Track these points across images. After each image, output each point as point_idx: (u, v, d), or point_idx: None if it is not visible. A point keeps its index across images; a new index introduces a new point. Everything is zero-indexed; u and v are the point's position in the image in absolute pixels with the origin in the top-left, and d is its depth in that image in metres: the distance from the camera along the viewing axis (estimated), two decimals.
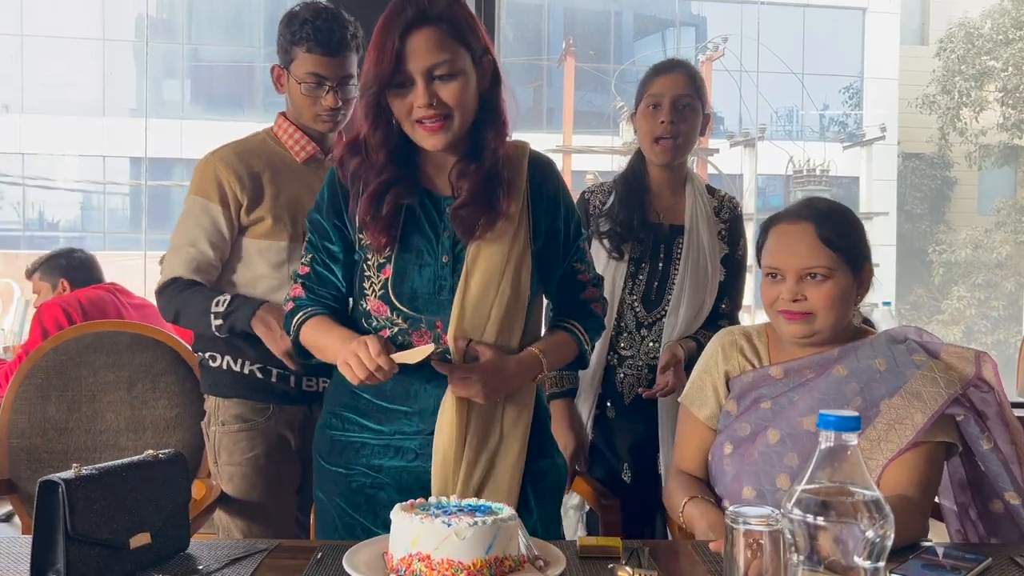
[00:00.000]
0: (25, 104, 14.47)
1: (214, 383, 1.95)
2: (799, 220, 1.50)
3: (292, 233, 1.91)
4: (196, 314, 1.85)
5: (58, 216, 15.72)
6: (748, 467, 1.49)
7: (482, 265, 1.46)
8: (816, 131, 16.43)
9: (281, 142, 1.97)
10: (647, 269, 2.04)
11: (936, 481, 1.45)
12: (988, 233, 15.00)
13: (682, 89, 2.00)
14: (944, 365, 1.46)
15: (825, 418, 0.85)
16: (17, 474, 2.13)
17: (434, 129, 1.41)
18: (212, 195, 1.88)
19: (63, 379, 2.17)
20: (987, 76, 14.92)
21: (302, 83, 1.88)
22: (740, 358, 1.58)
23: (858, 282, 1.51)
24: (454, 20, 1.40)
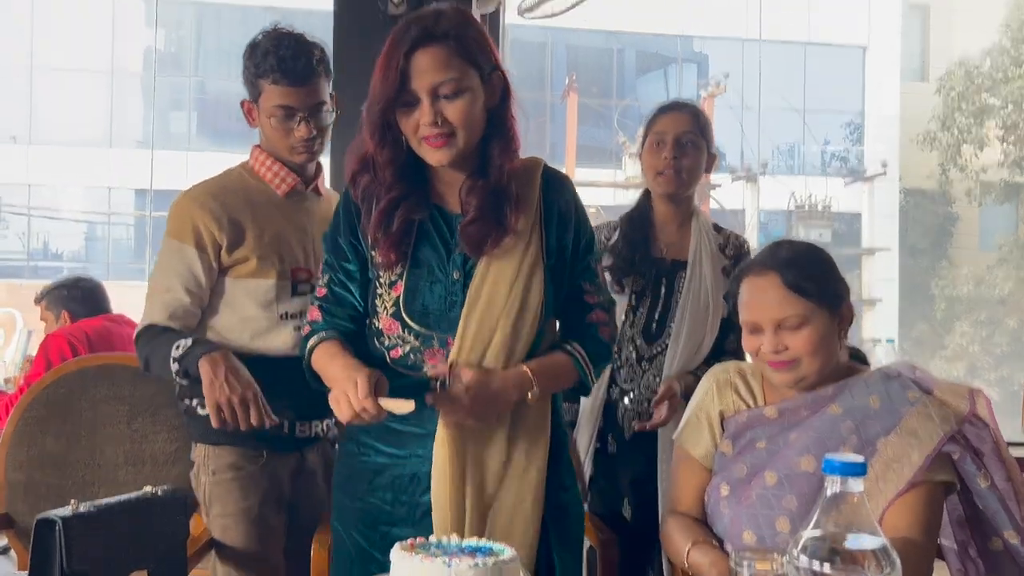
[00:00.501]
0: (33, 135, 14.61)
1: (203, 431, 1.81)
2: (765, 271, 1.49)
3: (280, 271, 1.83)
4: (160, 360, 1.74)
5: (62, 246, 15.79)
6: (746, 510, 1.47)
7: (490, 280, 1.44)
8: (817, 167, 16.53)
9: (259, 176, 1.88)
10: (648, 302, 2.05)
11: (938, 522, 1.43)
12: (990, 269, 15.03)
13: (685, 127, 2.04)
14: (938, 402, 1.44)
15: (831, 463, 0.84)
16: (15, 508, 2.11)
17: (438, 145, 1.41)
18: (187, 238, 1.80)
19: (63, 412, 2.16)
20: (987, 113, 15.04)
21: (272, 117, 1.81)
22: (735, 397, 1.57)
23: (838, 319, 1.49)
24: (461, 38, 1.39)
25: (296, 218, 1.88)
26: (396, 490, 1.48)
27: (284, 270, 1.83)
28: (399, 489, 1.47)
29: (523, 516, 1.46)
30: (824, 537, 0.84)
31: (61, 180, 14.68)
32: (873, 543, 0.83)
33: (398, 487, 1.47)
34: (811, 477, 1.42)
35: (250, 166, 1.90)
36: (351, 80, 2.64)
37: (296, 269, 1.85)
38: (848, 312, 1.51)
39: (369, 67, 1.47)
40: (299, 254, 1.86)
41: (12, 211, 14.93)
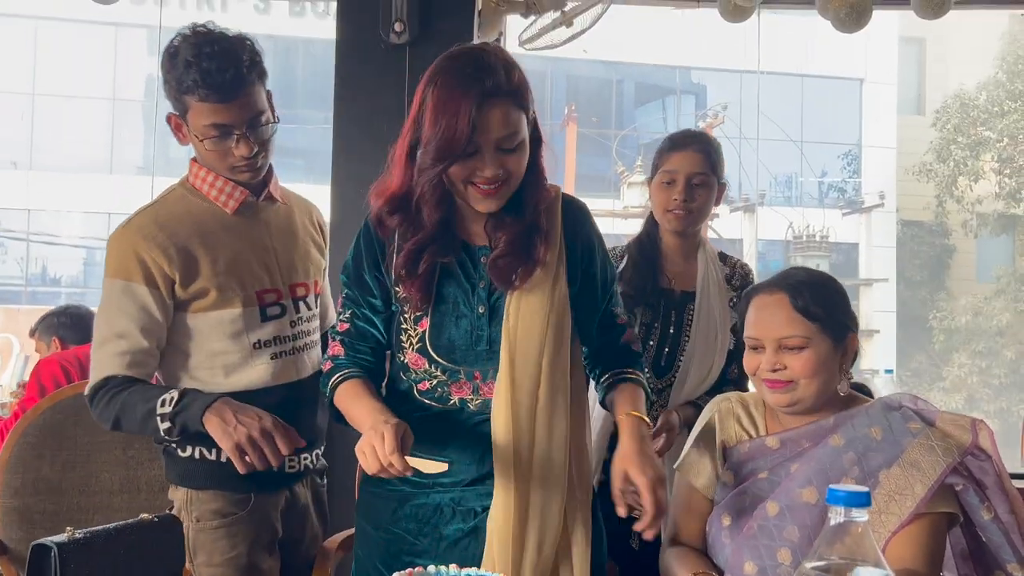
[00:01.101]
0: (33, 161, 14.65)
1: (185, 475, 1.69)
2: (775, 291, 1.51)
3: (244, 298, 1.66)
4: (139, 418, 1.57)
5: (61, 272, 15.77)
6: (748, 540, 1.46)
7: (524, 314, 1.45)
8: (815, 197, 16.60)
9: (203, 194, 1.68)
10: (657, 335, 2.05)
11: (941, 553, 1.42)
12: (988, 300, 15.04)
13: (696, 167, 2.03)
14: (940, 433, 1.44)
15: (834, 493, 0.84)
16: (9, 534, 2.09)
17: (491, 193, 1.40)
18: (135, 275, 1.60)
19: (58, 438, 2.15)
20: (983, 146, 15.15)
21: (204, 137, 1.60)
22: (737, 427, 1.57)
23: (841, 351, 1.50)
24: (521, 90, 1.40)
25: (252, 235, 1.70)
26: (419, 521, 1.47)
27: (248, 296, 1.67)
28: (422, 520, 1.47)
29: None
30: (828, 568, 0.83)
31: (61, 206, 14.70)
32: (876, 574, 0.82)
33: (422, 518, 1.47)
34: (812, 508, 1.41)
35: (191, 183, 1.70)
36: (352, 107, 2.66)
37: (262, 292, 1.69)
38: (852, 345, 1.51)
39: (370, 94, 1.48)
40: (262, 275, 1.69)
41: (11, 236, 14.94)
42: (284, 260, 1.73)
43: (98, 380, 1.62)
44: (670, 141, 2.09)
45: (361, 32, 2.57)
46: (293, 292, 1.74)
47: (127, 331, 1.61)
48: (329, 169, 2.61)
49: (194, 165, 1.70)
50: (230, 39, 1.59)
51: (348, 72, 2.62)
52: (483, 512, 1.46)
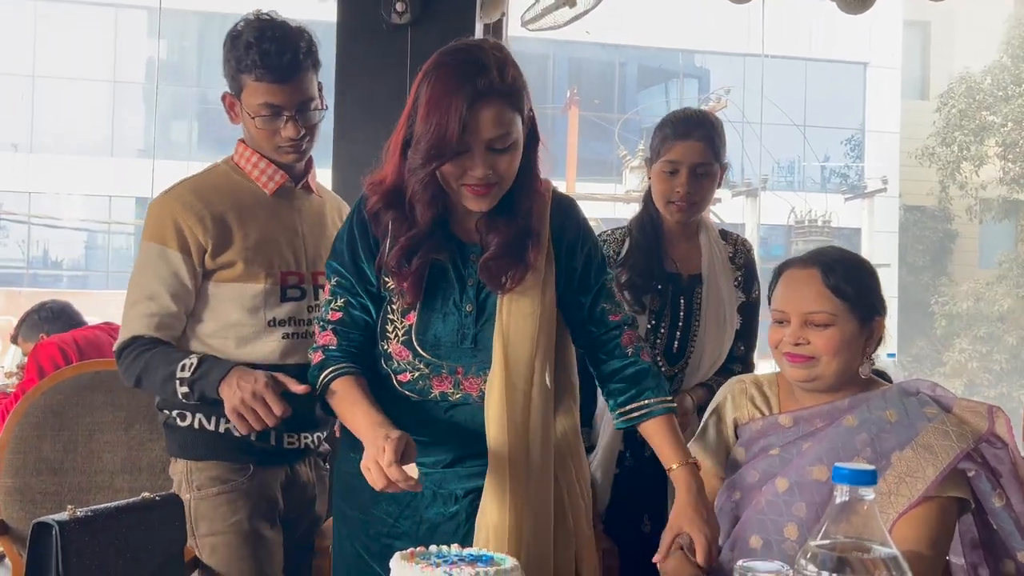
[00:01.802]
0: (34, 144, 14.63)
1: (184, 445, 1.71)
2: (807, 266, 1.51)
3: (268, 275, 1.71)
4: (160, 379, 1.61)
5: (62, 255, 15.79)
6: (755, 515, 1.46)
7: (516, 316, 1.45)
8: (817, 182, 16.57)
9: (245, 173, 1.75)
10: (667, 322, 2.02)
11: (948, 537, 1.42)
12: (990, 286, 15.03)
13: (700, 157, 1.97)
14: (957, 419, 1.44)
15: (840, 471, 0.83)
16: (10, 514, 2.09)
17: (481, 193, 1.39)
18: (170, 241, 1.66)
19: (59, 418, 2.15)
20: (987, 131, 15.09)
21: (256, 116, 1.67)
22: (750, 406, 1.57)
23: (866, 333, 1.49)
24: (515, 90, 1.38)
25: (286, 218, 1.76)
26: (400, 504, 1.46)
27: (273, 274, 1.71)
28: (403, 503, 1.46)
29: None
30: (833, 546, 0.83)
31: (62, 188, 14.68)
32: (883, 553, 0.81)
33: (402, 501, 1.46)
34: (822, 486, 1.41)
35: (235, 162, 1.77)
36: (354, 89, 2.64)
37: (286, 273, 1.73)
38: (879, 329, 1.50)
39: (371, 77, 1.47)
40: (289, 257, 1.74)
41: (12, 219, 14.94)
42: (311, 248, 1.77)
43: (126, 338, 1.67)
44: (673, 127, 2.01)
45: (362, 13, 2.55)
46: (315, 279, 1.76)
47: (157, 293, 1.67)
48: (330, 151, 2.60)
49: (240, 145, 1.77)
50: (290, 27, 1.67)
51: (349, 53, 2.59)
52: (464, 497, 1.46)
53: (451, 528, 1.45)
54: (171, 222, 1.67)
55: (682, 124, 2.01)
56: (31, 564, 1.21)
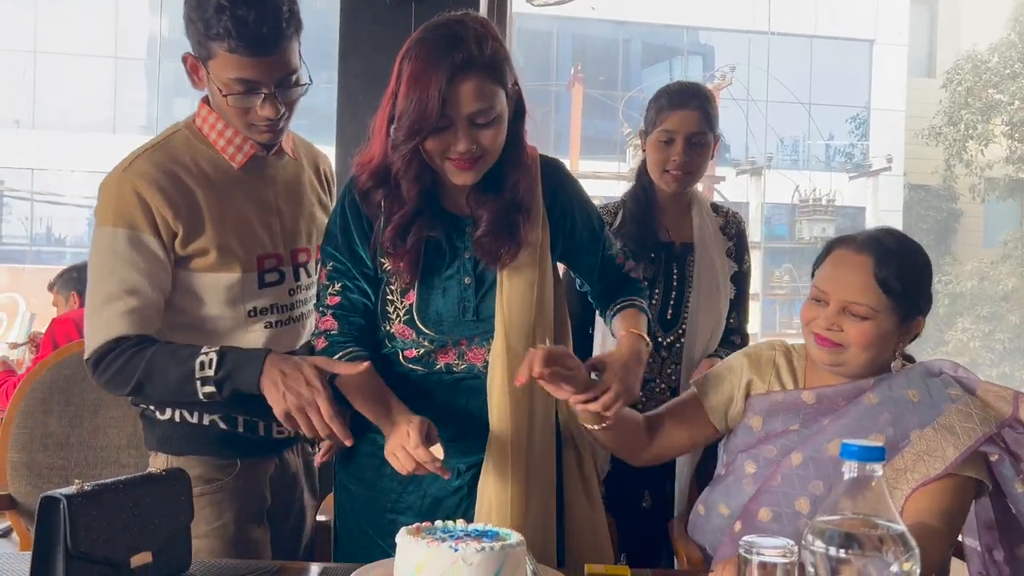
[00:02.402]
0: (36, 120, 14.59)
1: (164, 439, 1.55)
2: (861, 251, 1.45)
3: (244, 261, 1.52)
4: (174, 381, 1.42)
5: (65, 232, 15.79)
6: (769, 488, 1.45)
7: (517, 289, 1.45)
8: (822, 161, 16.50)
9: (210, 142, 1.52)
10: (661, 289, 2.04)
11: (961, 514, 1.41)
12: (994, 265, 15.00)
13: (695, 127, 2.00)
14: (981, 403, 1.42)
15: (848, 448, 0.83)
16: (17, 489, 2.10)
17: (465, 167, 1.38)
18: (141, 224, 1.45)
19: (65, 394, 2.15)
20: (994, 109, 14.99)
21: (228, 91, 1.44)
22: (773, 377, 1.55)
23: (903, 330, 1.46)
24: (496, 63, 1.36)
25: (259, 192, 1.56)
26: (403, 480, 1.45)
27: (248, 260, 1.53)
28: (406, 478, 1.45)
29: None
30: (840, 522, 0.83)
31: (64, 165, 14.66)
32: (891, 529, 0.81)
33: (406, 477, 1.44)
34: (839, 464, 1.40)
35: (197, 127, 1.53)
36: (357, 65, 2.62)
37: (262, 257, 1.55)
38: (917, 327, 1.47)
39: (376, 52, 1.44)
40: (264, 237, 1.56)
41: (15, 196, 14.93)
42: (288, 223, 1.61)
43: (106, 341, 1.45)
44: (668, 98, 2.04)
45: None
46: (294, 258, 1.61)
47: (138, 286, 1.46)
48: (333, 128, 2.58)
49: (203, 108, 1.53)
50: None
51: (352, 29, 2.57)
52: (467, 471, 1.46)
53: (454, 502, 1.46)
54: (137, 202, 1.45)
55: (678, 94, 2.04)
56: (39, 537, 1.21)
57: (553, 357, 1.31)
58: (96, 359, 1.46)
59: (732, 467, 1.53)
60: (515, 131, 1.43)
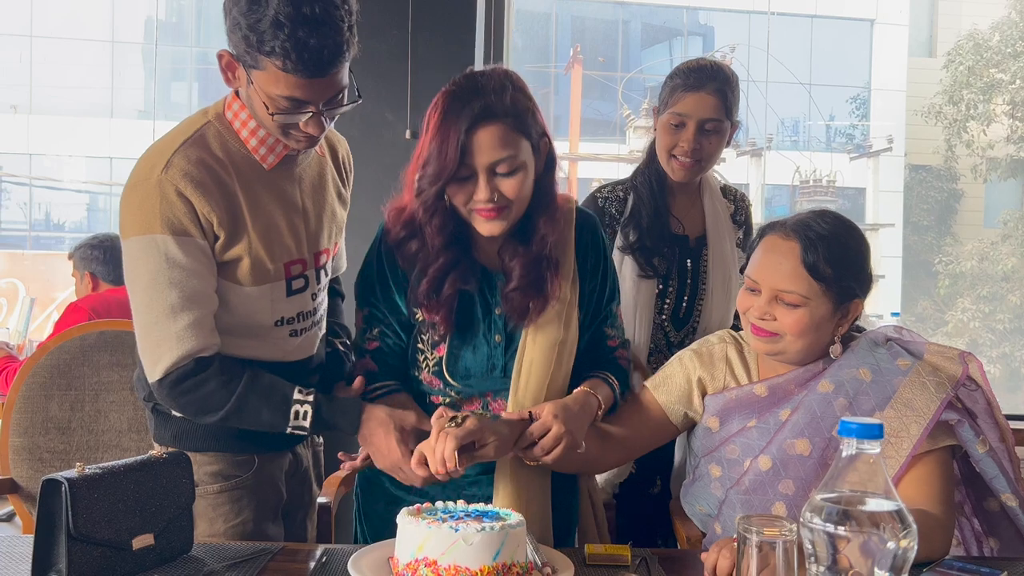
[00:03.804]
0: (33, 105, 14.52)
1: (179, 435, 1.51)
2: (789, 237, 1.43)
3: (274, 271, 1.47)
4: (267, 423, 1.41)
5: (64, 217, 15.75)
6: (740, 496, 1.44)
7: (540, 347, 1.47)
8: (822, 142, 16.43)
9: (241, 140, 1.45)
10: (675, 286, 1.97)
11: (952, 487, 1.41)
12: (994, 246, 14.96)
13: (710, 112, 1.87)
14: (930, 367, 1.42)
15: (847, 426, 0.83)
16: (19, 473, 2.11)
17: (491, 216, 1.39)
18: (189, 227, 1.37)
19: (66, 378, 2.16)
20: (995, 89, 14.90)
21: (274, 109, 1.36)
22: (727, 373, 1.53)
23: (840, 314, 1.43)
24: (518, 113, 1.37)
25: (287, 193, 1.50)
26: None
27: (277, 269, 1.48)
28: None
29: None
30: (838, 499, 0.83)
31: (62, 150, 14.61)
32: (889, 505, 0.82)
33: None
34: (806, 460, 1.40)
35: (228, 121, 1.45)
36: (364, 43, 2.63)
37: (289, 264, 1.51)
38: (855, 310, 1.45)
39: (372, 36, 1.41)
40: (291, 243, 1.50)
41: (13, 181, 14.89)
42: (313, 224, 1.55)
43: (181, 359, 1.38)
44: (684, 78, 1.89)
45: None
46: (317, 261, 1.57)
47: (198, 292, 1.39)
48: None
49: (235, 102, 1.45)
50: (333, 7, 1.31)
51: None
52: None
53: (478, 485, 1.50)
54: (182, 205, 1.37)
55: (694, 75, 1.90)
56: (41, 520, 1.22)
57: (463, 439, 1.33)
58: (175, 379, 1.39)
59: (697, 472, 1.53)
60: (545, 183, 1.44)
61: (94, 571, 1.22)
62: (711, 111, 1.87)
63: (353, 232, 2.76)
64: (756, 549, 1.07)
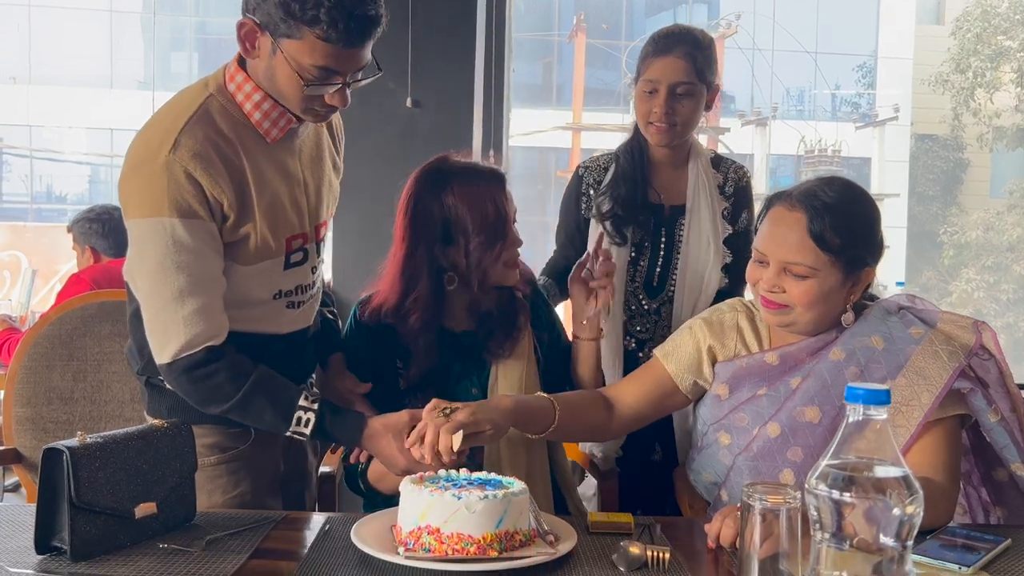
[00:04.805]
0: (32, 76, 14.44)
1: (174, 408, 1.48)
2: (795, 208, 1.41)
3: (276, 247, 1.45)
4: (268, 422, 1.41)
5: (66, 189, 15.73)
6: (748, 461, 1.44)
7: (509, 381, 1.63)
8: (828, 111, 16.32)
9: (245, 113, 1.41)
10: (648, 254, 1.97)
11: (959, 457, 1.41)
12: (999, 215, 14.90)
13: (680, 76, 1.86)
14: (943, 335, 1.40)
15: (853, 391, 0.82)
16: (23, 443, 2.12)
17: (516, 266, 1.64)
18: (198, 209, 1.34)
19: (68, 348, 2.15)
20: (1003, 56, 14.75)
21: (306, 79, 1.34)
22: (737, 341, 1.52)
23: (851, 283, 1.42)
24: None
25: (289, 166, 1.48)
26: None
27: (279, 245, 1.46)
28: None
29: None
30: (844, 466, 0.82)
31: (63, 121, 14.55)
32: (895, 472, 0.81)
33: None
34: (815, 428, 1.39)
35: (231, 94, 1.41)
36: None
37: (291, 239, 1.49)
38: (866, 278, 1.43)
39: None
40: (293, 218, 1.48)
41: (14, 153, 14.85)
42: (313, 197, 1.53)
43: (190, 343, 1.37)
44: (652, 46, 1.90)
45: None
46: (317, 234, 1.55)
47: (207, 276, 1.37)
48: None
49: (239, 74, 1.40)
50: None
51: None
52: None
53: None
54: (191, 187, 1.34)
55: (663, 40, 1.90)
56: (43, 488, 1.22)
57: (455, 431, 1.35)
58: (185, 367, 1.38)
59: (706, 440, 1.52)
60: None
61: (97, 539, 1.22)
62: (681, 74, 1.87)
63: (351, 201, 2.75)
64: (760, 517, 1.06)
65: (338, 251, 2.67)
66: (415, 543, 1.18)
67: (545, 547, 1.21)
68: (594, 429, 1.55)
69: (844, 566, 0.80)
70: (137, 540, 1.27)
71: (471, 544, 1.16)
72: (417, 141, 2.62)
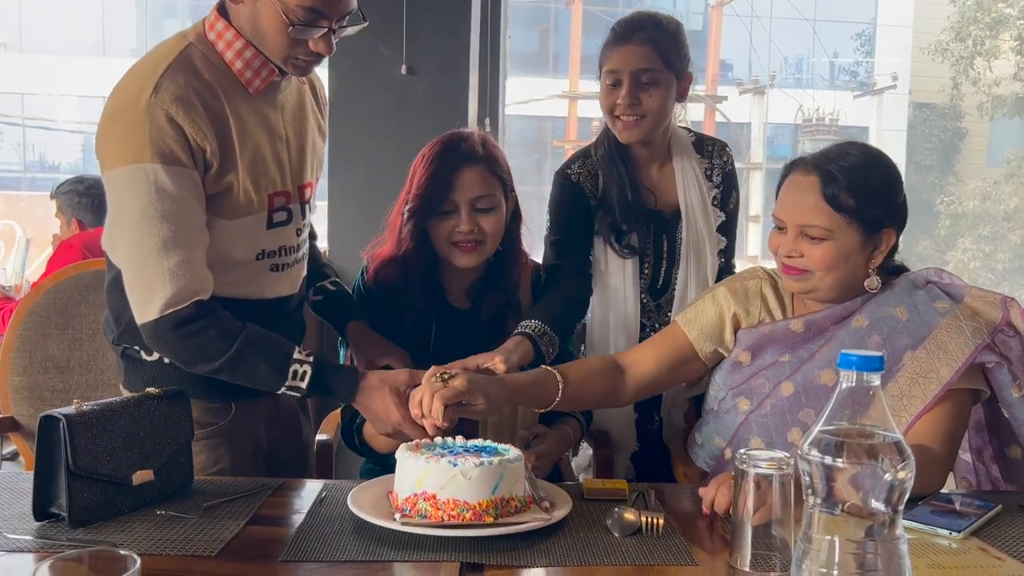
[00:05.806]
0: (24, 43, 14.26)
1: (152, 381, 1.44)
2: (808, 172, 1.42)
3: (258, 202, 1.43)
4: (261, 379, 1.38)
5: (59, 158, 15.61)
6: (758, 417, 1.45)
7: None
8: (826, 79, 16.20)
9: (227, 63, 1.38)
10: (651, 261, 1.93)
11: (961, 432, 1.42)
12: (997, 185, 14.87)
13: (642, 62, 1.75)
14: (969, 311, 1.41)
15: (847, 357, 0.82)
16: (19, 411, 2.13)
17: (469, 250, 1.62)
18: (180, 155, 1.30)
19: (63, 317, 2.15)
20: (1003, 24, 14.63)
21: (294, 21, 1.32)
22: (761, 308, 1.53)
23: (871, 245, 1.42)
24: (495, 160, 1.64)
25: (271, 120, 1.46)
26: None
27: (261, 201, 1.43)
28: None
29: None
30: (837, 431, 0.83)
31: (55, 90, 14.40)
32: (887, 437, 0.81)
33: None
34: (829, 391, 1.39)
35: (210, 43, 1.38)
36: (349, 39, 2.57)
37: (273, 195, 1.46)
38: (888, 239, 1.43)
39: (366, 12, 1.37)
40: (275, 174, 1.46)
41: (6, 121, 14.72)
42: (295, 154, 1.51)
43: (175, 297, 1.33)
44: (612, 36, 1.79)
45: None
46: (302, 195, 1.53)
47: (191, 225, 1.34)
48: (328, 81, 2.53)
49: (219, 22, 1.38)
50: None
51: None
52: None
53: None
54: (173, 131, 1.30)
55: (622, 27, 1.80)
56: (40, 456, 1.23)
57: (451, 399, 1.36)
58: (175, 322, 1.34)
59: (723, 405, 1.52)
60: (514, 232, 1.71)
61: (94, 506, 1.22)
62: (643, 61, 1.76)
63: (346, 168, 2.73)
64: (753, 484, 1.07)
65: (333, 219, 2.65)
66: (411, 509, 1.19)
67: (540, 513, 1.22)
68: (606, 395, 1.55)
69: (835, 530, 0.81)
70: (135, 507, 1.27)
71: (467, 510, 1.17)
72: (412, 109, 2.60)
